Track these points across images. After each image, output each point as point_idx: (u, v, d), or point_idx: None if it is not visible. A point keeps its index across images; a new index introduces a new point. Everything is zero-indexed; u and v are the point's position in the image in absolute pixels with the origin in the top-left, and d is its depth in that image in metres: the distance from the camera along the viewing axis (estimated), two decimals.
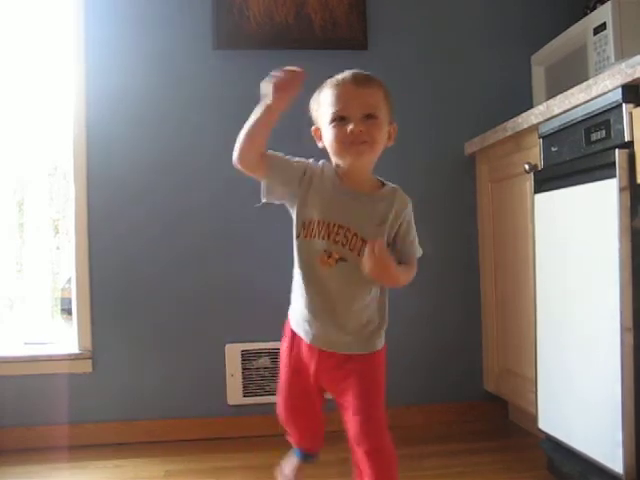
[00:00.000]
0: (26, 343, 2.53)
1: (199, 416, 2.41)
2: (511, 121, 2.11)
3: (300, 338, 1.37)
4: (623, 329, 1.50)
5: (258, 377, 2.43)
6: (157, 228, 2.45)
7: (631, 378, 1.49)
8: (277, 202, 1.35)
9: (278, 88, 1.22)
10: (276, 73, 1.23)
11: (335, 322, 1.31)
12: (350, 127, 1.25)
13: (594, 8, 2.14)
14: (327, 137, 1.29)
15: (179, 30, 2.48)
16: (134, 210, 2.43)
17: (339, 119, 1.27)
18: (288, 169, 1.32)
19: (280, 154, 1.34)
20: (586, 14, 2.18)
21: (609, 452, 1.54)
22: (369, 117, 1.27)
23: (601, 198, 1.58)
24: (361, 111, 1.26)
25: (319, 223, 1.29)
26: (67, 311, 2.63)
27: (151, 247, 2.44)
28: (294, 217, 1.33)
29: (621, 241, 1.50)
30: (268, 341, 2.41)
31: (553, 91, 2.20)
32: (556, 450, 1.83)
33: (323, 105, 1.31)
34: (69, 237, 2.56)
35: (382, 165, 1.42)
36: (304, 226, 1.30)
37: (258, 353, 2.43)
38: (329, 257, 1.28)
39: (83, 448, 2.31)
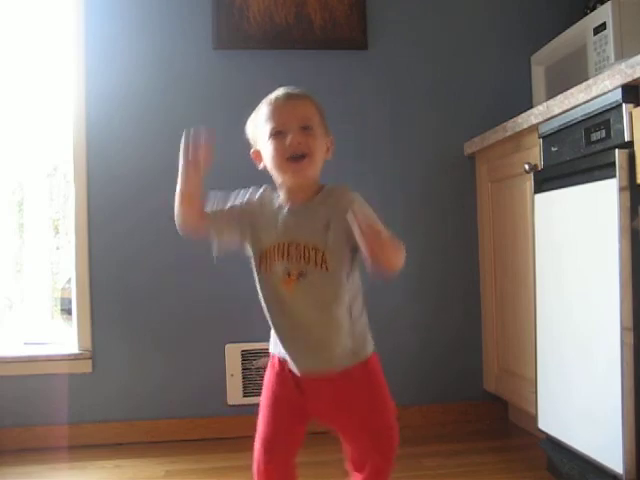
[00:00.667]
0: (26, 343, 2.53)
1: (199, 416, 2.41)
2: (511, 121, 2.11)
3: (285, 362, 1.35)
4: (623, 329, 1.50)
5: (258, 377, 2.43)
6: (157, 228, 2.44)
7: (631, 378, 1.49)
8: (232, 249, 1.35)
9: (188, 164, 1.25)
10: (183, 147, 1.25)
11: (311, 344, 1.30)
12: (289, 139, 1.25)
13: (594, 8, 2.14)
14: (267, 153, 1.29)
15: (179, 30, 2.48)
16: (134, 210, 2.43)
17: (277, 134, 1.27)
18: (229, 220, 1.33)
19: (218, 206, 1.34)
20: (586, 14, 2.18)
21: (609, 452, 1.54)
22: (305, 129, 1.27)
23: (601, 198, 1.58)
24: (297, 123, 1.27)
25: (272, 248, 1.29)
26: (67, 311, 2.63)
27: (151, 247, 2.44)
28: (251, 255, 1.33)
29: (621, 241, 1.50)
30: (268, 341, 2.40)
31: (553, 91, 2.20)
32: (556, 450, 1.83)
33: (260, 124, 1.31)
34: (69, 237, 2.56)
35: (383, 165, 1.43)
36: (262, 259, 1.31)
37: (258, 353, 2.43)
38: (289, 276, 1.27)
39: (83, 448, 2.31)
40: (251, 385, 2.43)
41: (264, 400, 1.36)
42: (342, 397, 1.30)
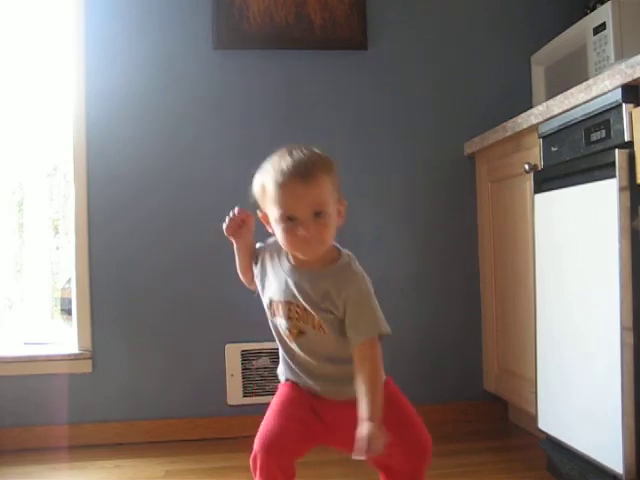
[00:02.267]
0: (26, 343, 2.53)
1: (199, 416, 2.41)
2: (511, 121, 2.11)
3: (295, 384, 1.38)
4: (623, 329, 1.49)
5: (258, 377, 2.43)
6: (157, 228, 2.45)
7: (631, 378, 1.49)
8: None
9: (229, 233, 1.37)
10: (225, 222, 1.36)
11: (319, 385, 1.33)
12: (301, 232, 1.20)
13: (594, 8, 2.14)
14: (277, 235, 1.27)
15: (179, 30, 2.48)
16: (134, 210, 2.43)
17: (288, 219, 1.22)
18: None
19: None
20: (586, 14, 2.18)
21: (609, 452, 1.54)
22: (319, 214, 1.21)
23: (601, 198, 1.58)
24: (310, 210, 1.21)
25: (276, 302, 1.32)
26: (67, 311, 2.63)
27: (151, 247, 2.44)
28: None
29: (621, 241, 1.49)
30: (268, 341, 2.39)
31: (553, 91, 2.20)
32: (556, 450, 1.83)
33: (269, 200, 1.25)
34: (69, 237, 2.56)
35: (383, 165, 1.43)
36: (269, 306, 1.35)
37: (258, 353, 2.43)
38: (290, 332, 1.32)
39: (83, 448, 2.31)
40: (251, 385, 2.43)
41: (273, 405, 1.37)
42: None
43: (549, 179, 1.86)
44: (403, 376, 2.49)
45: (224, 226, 1.36)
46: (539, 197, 1.90)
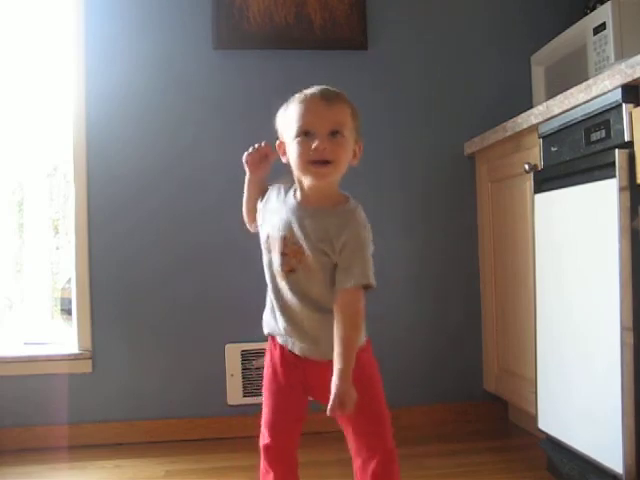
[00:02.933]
0: (26, 343, 2.53)
1: (199, 416, 2.41)
2: (511, 121, 2.11)
3: (278, 344, 1.37)
4: (623, 329, 1.50)
5: (258, 377, 2.43)
6: (157, 228, 2.45)
7: (631, 378, 1.49)
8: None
9: (248, 164, 1.39)
10: (248, 151, 1.39)
11: (301, 332, 1.31)
12: (315, 144, 1.22)
13: (594, 8, 2.14)
14: (291, 152, 1.28)
15: (179, 30, 2.48)
16: (134, 210, 2.43)
17: (304, 134, 1.24)
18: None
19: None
20: (586, 14, 2.18)
21: (609, 452, 1.54)
22: (335, 134, 1.24)
23: (601, 198, 1.58)
24: (327, 127, 1.24)
25: (273, 237, 1.32)
26: (67, 311, 2.63)
27: (151, 247, 2.44)
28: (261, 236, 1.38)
29: (621, 241, 1.50)
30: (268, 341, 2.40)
31: (553, 91, 2.20)
32: (556, 450, 1.83)
33: (289, 119, 1.29)
34: (69, 237, 2.56)
35: (383, 165, 1.43)
36: (265, 241, 1.34)
37: (258, 353, 2.43)
38: (282, 269, 1.30)
39: (83, 448, 2.31)
40: (251, 385, 2.43)
41: (266, 382, 1.38)
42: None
43: (549, 179, 1.86)
44: (403, 376, 2.51)
45: (245, 155, 1.39)
46: (539, 197, 1.90)
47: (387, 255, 2.47)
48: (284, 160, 1.34)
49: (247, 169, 1.40)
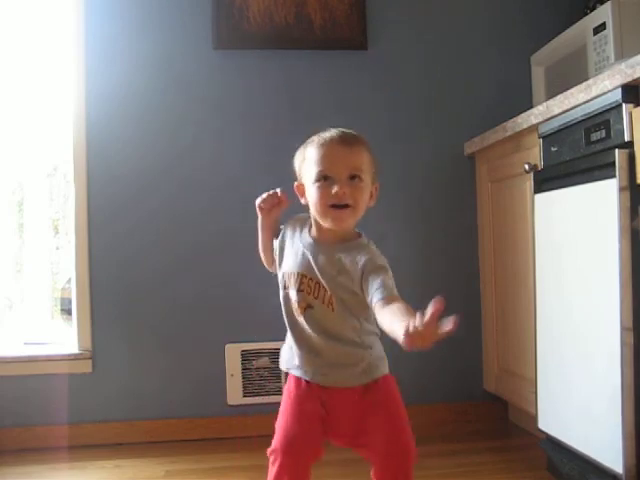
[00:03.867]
0: (26, 343, 2.53)
1: (199, 416, 2.41)
2: (511, 121, 2.11)
3: (299, 380, 1.36)
4: (623, 329, 1.50)
5: (258, 377, 2.43)
6: (157, 228, 2.45)
7: (631, 378, 1.49)
8: None
9: (260, 209, 1.39)
10: (262, 197, 1.38)
11: (322, 362, 1.32)
12: (335, 189, 1.24)
13: (594, 8, 2.14)
14: (311, 196, 1.29)
15: (179, 30, 2.48)
16: (134, 210, 2.43)
17: (324, 179, 1.26)
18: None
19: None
20: (586, 14, 2.18)
21: (609, 452, 1.54)
22: (354, 178, 1.26)
23: (601, 198, 1.58)
24: (346, 172, 1.26)
25: (289, 274, 1.33)
26: (67, 311, 2.63)
27: (151, 247, 2.44)
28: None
29: (621, 241, 1.50)
30: (268, 341, 2.41)
31: (553, 91, 2.20)
32: (556, 450, 1.83)
33: (308, 162, 1.30)
34: (69, 237, 2.56)
35: (383, 165, 1.43)
36: (282, 278, 1.36)
37: (258, 353, 2.43)
38: (299, 305, 1.32)
39: (83, 448, 2.31)
40: (251, 385, 2.43)
41: (286, 406, 1.35)
42: (358, 411, 1.32)
43: (549, 179, 1.86)
44: (403, 376, 2.50)
45: (259, 199, 1.39)
46: (539, 197, 1.90)
47: (387, 255, 2.47)
48: (303, 202, 1.35)
49: (259, 213, 1.40)
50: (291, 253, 1.35)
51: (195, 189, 2.46)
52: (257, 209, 1.40)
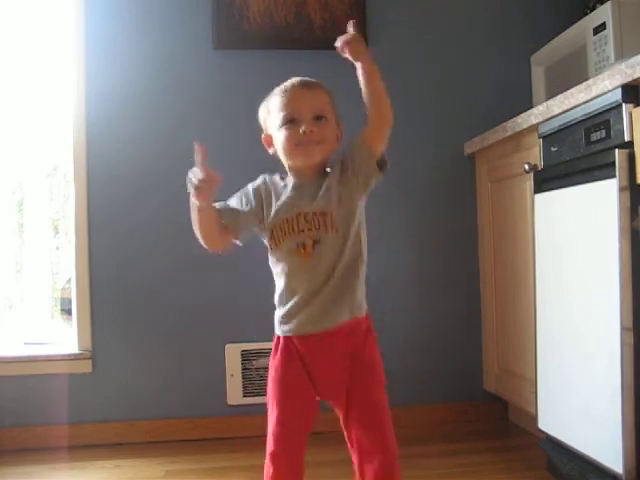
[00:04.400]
0: (26, 343, 2.53)
1: (199, 416, 2.41)
2: (511, 121, 2.11)
3: (292, 341, 1.37)
4: (623, 329, 1.50)
5: (258, 377, 2.43)
6: (157, 228, 2.45)
7: (631, 378, 1.49)
8: (253, 235, 1.39)
9: (201, 196, 1.27)
10: (190, 177, 1.26)
11: (326, 304, 1.31)
12: (302, 128, 1.28)
13: (594, 8, 2.14)
14: (279, 141, 1.32)
15: (179, 30, 2.48)
16: (134, 210, 2.44)
17: (290, 122, 1.30)
18: (245, 214, 1.36)
19: (229, 206, 1.38)
20: (586, 14, 2.18)
21: (609, 452, 1.54)
22: (319, 118, 1.30)
23: (601, 198, 1.58)
24: (311, 113, 1.30)
25: (281, 225, 1.32)
26: (67, 311, 2.63)
27: (151, 247, 2.44)
28: (264, 235, 1.37)
29: (621, 241, 1.50)
30: (268, 341, 2.39)
31: (553, 91, 2.20)
32: (556, 450, 1.83)
33: (273, 111, 1.34)
34: (69, 237, 2.56)
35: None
36: (272, 235, 1.34)
37: (258, 353, 2.43)
38: (304, 248, 1.30)
39: (83, 448, 2.31)
40: (251, 385, 2.43)
41: (273, 386, 1.38)
42: (348, 349, 1.32)
43: (549, 179, 1.86)
44: (403, 376, 2.50)
45: (193, 191, 1.26)
46: (539, 197, 1.90)
47: (387, 255, 2.47)
48: (271, 152, 1.38)
49: (198, 200, 1.28)
50: (279, 203, 1.33)
51: None
52: (194, 196, 1.28)
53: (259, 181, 1.40)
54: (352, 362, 1.32)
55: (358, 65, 1.32)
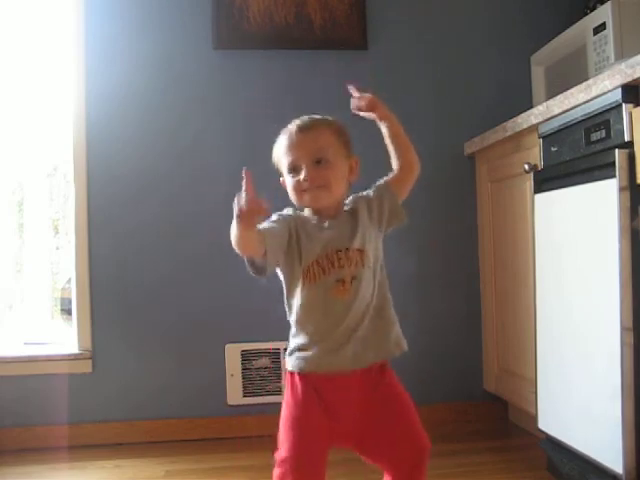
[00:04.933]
0: (26, 343, 2.53)
1: (199, 416, 2.41)
2: (511, 121, 2.11)
3: (310, 379, 1.31)
4: (623, 329, 1.50)
5: (258, 377, 2.43)
6: (157, 228, 2.45)
7: (631, 378, 1.49)
8: (273, 269, 1.34)
9: (242, 220, 1.21)
10: (237, 201, 1.20)
11: (359, 343, 1.31)
12: (302, 176, 1.28)
13: (594, 8, 2.14)
14: (288, 187, 1.34)
15: (179, 30, 2.48)
16: (134, 210, 2.43)
17: (293, 170, 1.30)
18: (280, 235, 1.31)
19: (268, 226, 1.30)
20: (586, 14, 2.18)
21: (609, 452, 1.54)
22: (319, 162, 1.29)
23: (601, 198, 1.58)
24: (310, 158, 1.29)
25: (318, 262, 1.30)
26: (67, 311, 2.63)
27: (151, 247, 2.44)
28: (291, 271, 1.32)
29: (621, 241, 1.50)
30: (268, 341, 2.41)
31: (553, 91, 2.20)
32: (556, 450, 1.83)
33: (279, 158, 1.35)
34: (69, 237, 2.56)
35: (383, 165, 1.43)
36: (306, 273, 1.31)
37: (258, 353, 2.43)
38: (343, 284, 1.29)
39: (83, 448, 2.31)
40: (251, 385, 2.43)
41: (288, 423, 1.30)
42: (365, 402, 1.31)
43: (549, 179, 1.86)
44: (403, 376, 2.49)
45: (240, 218, 1.20)
46: (539, 197, 1.90)
47: (387, 255, 2.47)
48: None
49: (240, 227, 1.23)
50: (311, 241, 1.31)
51: (195, 189, 2.46)
52: (238, 222, 1.22)
53: (289, 214, 1.35)
54: (373, 392, 1.33)
55: (383, 124, 1.40)
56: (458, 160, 2.56)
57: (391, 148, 1.38)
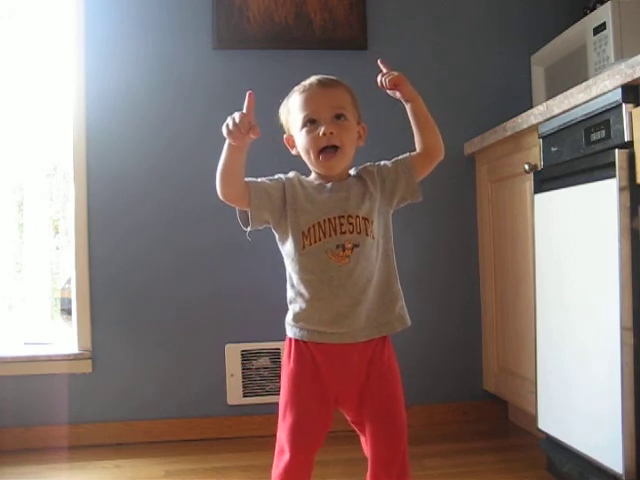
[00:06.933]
0: (26, 343, 2.53)
1: (199, 416, 2.41)
2: (511, 121, 2.11)
3: (308, 346, 1.30)
4: (623, 329, 1.50)
5: (258, 377, 2.43)
6: (157, 228, 2.45)
7: (631, 378, 1.49)
8: (261, 227, 1.33)
9: (230, 133, 1.25)
10: (230, 118, 1.26)
11: (358, 313, 1.29)
12: (322, 130, 1.26)
13: (594, 8, 2.14)
14: (300, 143, 1.31)
15: (179, 30, 2.48)
16: (134, 210, 2.44)
17: (310, 123, 1.29)
18: (270, 192, 1.31)
19: (258, 180, 1.33)
20: (586, 14, 2.18)
21: (609, 452, 1.54)
22: (338, 117, 1.29)
23: (601, 198, 1.58)
24: (331, 112, 1.29)
25: (320, 225, 1.28)
26: (67, 311, 2.63)
27: (151, 247, 2.44)
28: (288, 233, 1.30)
29: (621, 241, 1.50)
30: (268, 341, 2.41)
31: (553, 91, 2.20)
32: (556, 450, 1.83)
33: (293, 112, 1.33)
34: (69, 237, 2.56)
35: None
36: (304, 236, 1.28)
37: (258, 353, 2.43)
38: (344, 250, 1.27)
39: (82, 448, 2.31)
40: (251, 385, 2.43)
41: (286, 393, 1.31)
42: (368, 355, 1.32)
43: (549, 179, 1.86)
44: (404, 376, 2.49)
45: (228, 130, 1.26)
46: (539, 197, 1.90)
47: None
48: (294, 152, 1.36)
49: (232, 139, 1.26)
50: (310, 205, 1.29)
51: (195, 189, 2.46)
52: (227, 134, 1.26)
53: (291, 175, 1.35)
54: (370, 365, 1.32)
55: (408, 105, 1.41)
56: (458, 160, 2.56)
57: (415, 129, 1.41)
